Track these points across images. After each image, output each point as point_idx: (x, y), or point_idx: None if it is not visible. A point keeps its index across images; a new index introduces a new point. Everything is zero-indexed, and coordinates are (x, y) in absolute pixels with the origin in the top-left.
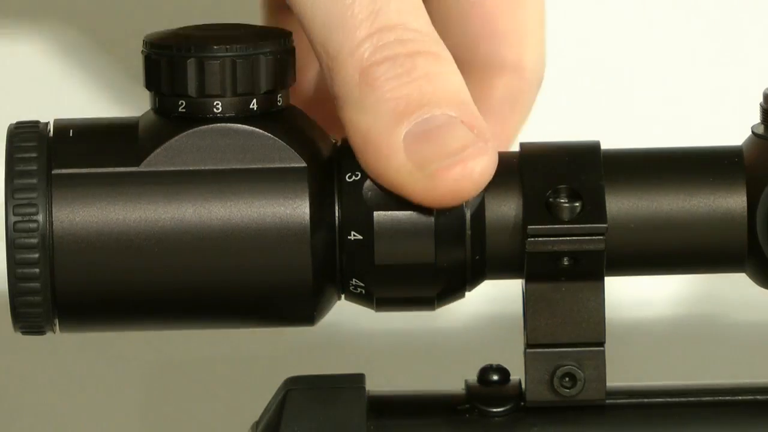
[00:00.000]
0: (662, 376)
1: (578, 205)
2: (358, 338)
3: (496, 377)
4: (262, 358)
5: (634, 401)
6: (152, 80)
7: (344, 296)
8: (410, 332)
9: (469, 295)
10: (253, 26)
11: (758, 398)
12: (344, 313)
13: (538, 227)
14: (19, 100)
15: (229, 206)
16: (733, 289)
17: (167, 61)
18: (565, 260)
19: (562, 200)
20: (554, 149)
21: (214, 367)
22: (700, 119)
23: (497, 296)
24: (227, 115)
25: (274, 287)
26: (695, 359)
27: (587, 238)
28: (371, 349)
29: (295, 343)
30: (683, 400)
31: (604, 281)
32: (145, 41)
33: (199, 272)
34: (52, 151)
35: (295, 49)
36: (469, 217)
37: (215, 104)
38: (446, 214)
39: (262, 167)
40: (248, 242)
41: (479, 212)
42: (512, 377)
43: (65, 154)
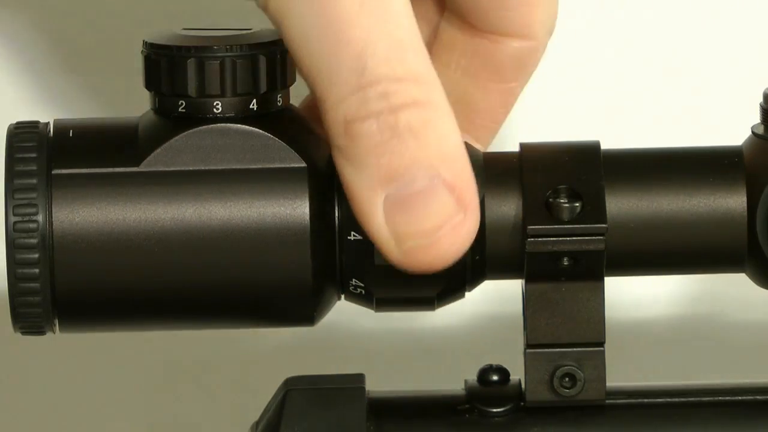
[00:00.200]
0: (662, 376)
1: (578, 205)
2: (358, 338)
3: (495, 377)
4: (262, 358)
5: (633, 401)
6: (152, 80)
7: (344, 296)
8: (410, 332)
9: (469, 295)
10: (252, 27)
11: (758, 398)
12: (344, 313)
13: (538, 227)
14: (19, 100)
15: (229, 206)
16: (733, 289)
17: (167, 61)
18: (565, 260)
19: (562, 200)
20: (554, 149)
21: (214, 367)
22: (700, 119)
23: (497, 296)
24: (227, 115)
25: (274, 287)
26: (695, 359)
27: (587, 238)
28: (371, 349)
29: (295, 343)
30: (683, 400)
31: (604, 281)
32: (144, 41)
33: (199, 272)
34: (52, 151)
35: None
36: None
37: (215, 104)
38: None
39: (262, 167)
40: (248, 242)
41: (479, 212)
42: (512, 377)
43: (65, 154)
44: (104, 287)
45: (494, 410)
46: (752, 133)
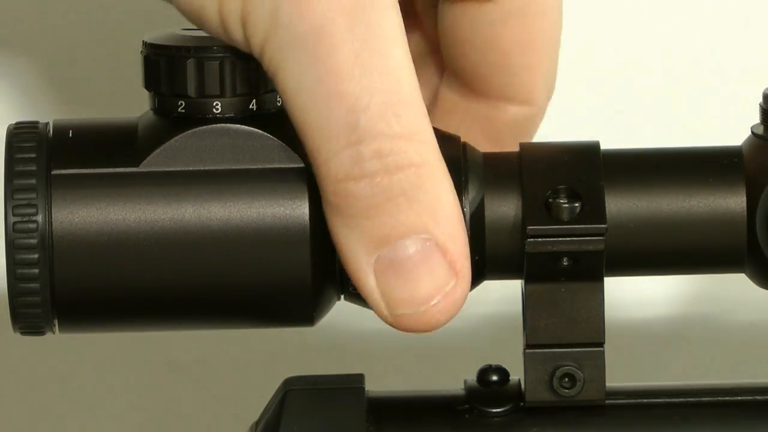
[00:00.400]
0: (662, 376)
1: (578, 205)
2: (358, 338)
3: (495, 377)
4: (262, 358)
5: (633, 401)
6: (151, 81)
7: (344, 296)
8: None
9: (469, 295)
10: None
11: (758, 398)
12: (344, 313)
13: (537, 227)
14: (19, 100)
15: (228, 207)
16: (733, 289)
17: (166, 61)
18: (564, 260)
19: (561, 200)
20: (554, 149)
21: (214, 367)
22: (700, 119)
23: (497, 296)
24: (227, 115)
25: (273, 287)
26: (695, 359)
27: (587, 238)
28: (371, 349)
29: (295, 343)
30: (683, 400)
31: (603, 281)
32: (144, 42)
33: (198, 273)
34: (51, 151)
35: None
36: (468, 217)
37: (215, 104)
38: None
39: (261, 168)
40: (248, 243)
41: (479, 212)
42: (512, 377)
43: (65, 154)
44: (104, 287)
45: (494, 410)
46: (752, 133)
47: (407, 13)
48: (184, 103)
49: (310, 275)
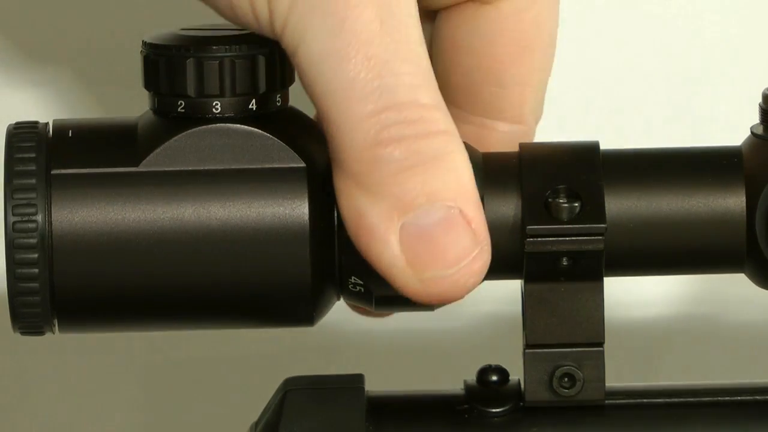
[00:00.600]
0: (661, 376)
1: (577, 205)
2: (357, 338)
3: (495, 377)
4: (261, 358)
5: (633, 401)
6: (151, 80)
7: (343, 296)
8: (410, 332)
9: (469, 295)
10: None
11: (758, 398)
12: (344, 313)
13: (537, 227)
14: (18, 100)
15: (228, 206)
16: (733, 289)
17: (166, 61)
18: (564, 260)
19: (561, 200)
20: (553, 149)
21: (213, 367)
22: (699, 119)
23: (497, 296)
24: (226, 115)
25: (273, 287)
26: (695, 359)
27: (586, 238)
28: (371, 349)
29: (294, 343)
30: (682, 400)
31: (603, 281)
32: (144, 41)
33: (198, 272)
34: (51, 151)
35: None
36: None
37: (214, 104)
38: None
39: (261, 167)
40: (247, 242)
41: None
42: (511, 377)
43: (64, 154)
44: (103, 287)
45: (493, 410)
46: (751, 133)
47: None
48: (183, 102)
49: (309, 275)
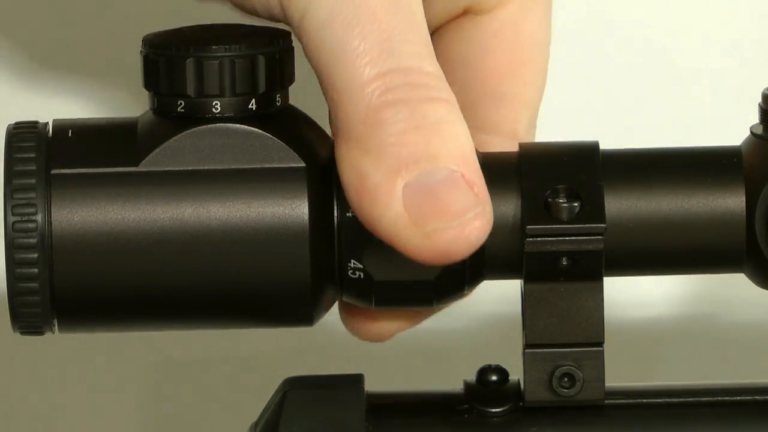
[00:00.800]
0: (661, 376)
1: (577, 205)
2: (357, 338)
3: (494, 377)
4: (261, 358)
5: (632, 401)
6: (151, 80)
7: (343, 296)
8: (410, 332)
9: (468, 295)
10: (251, 26)
11: (758, 398)
12: None
13: (536, 227)
14: (18, 100)
15: (227, 206)
16: (733, 289)
17: (166, 61)
18: (563, 260)
19: (561, 200)
20: (553, 149)
21: (213, 367)
22: (699, 119)
23: (496, 296)
24: (226, 115)
25: (272, 287)
26: (695, 359)
27: (586, 238)
28: (370, 349)
29: (294, 343)
30: (682, 400)
31: (602, 281)
32: (143, 41)
33: (197, 272)
34: (51, 151)
35: (293, 48)
36: None
37: (214, 104)
38: None
39: (260, 167)
40: (247, 242)
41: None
42: (511, 377)
43: (64, 154)
44: (103, 287)
45: (493, 410)
46: (751, 133)
47: None
48: (183, 102)
49: (309, 275)
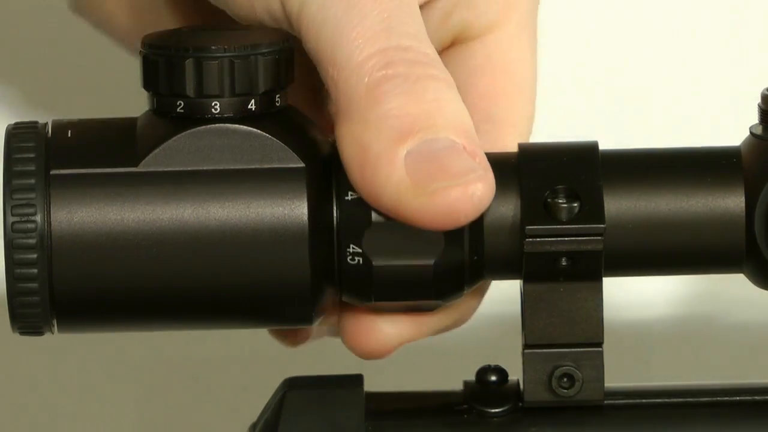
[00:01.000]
0: (661, 376)
1: (576, 205)
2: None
3: (494, 378)
4: (261, 358)
5: (632, 402)
6: (150, 80)
7: (343, 297)
8: None
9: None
10: (251, 26)
11: (758, 398)
12: None
13: (536, 227)
14: (18, 100)
15: (227, 207)
16: (732, 289)
17: (165, 61)
18: (563, 260)
19: (560, 200)
20: (553, 149)
21: (213, 367)
22: (698, 119)
23: (496, 296)
24: (225, 115)
25: (272, 287)
26: (694, 359)
27: (585, 238)
28: None
29: None
30: (682, 400)
31: (602, 281)
32: (143, 41)
33: (197, 273)
34: (50, 151)
35: (293, 49)
36: None
37: (213, 104)
38: None
39: (260, 168)
40: (246, 243)
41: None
42: (510, 378)
43: (64, 154)
44: (103, 287)
45: (492, 410)
46: (750, 133)
47: None
48: (182, 103)
49: (309, 275)
